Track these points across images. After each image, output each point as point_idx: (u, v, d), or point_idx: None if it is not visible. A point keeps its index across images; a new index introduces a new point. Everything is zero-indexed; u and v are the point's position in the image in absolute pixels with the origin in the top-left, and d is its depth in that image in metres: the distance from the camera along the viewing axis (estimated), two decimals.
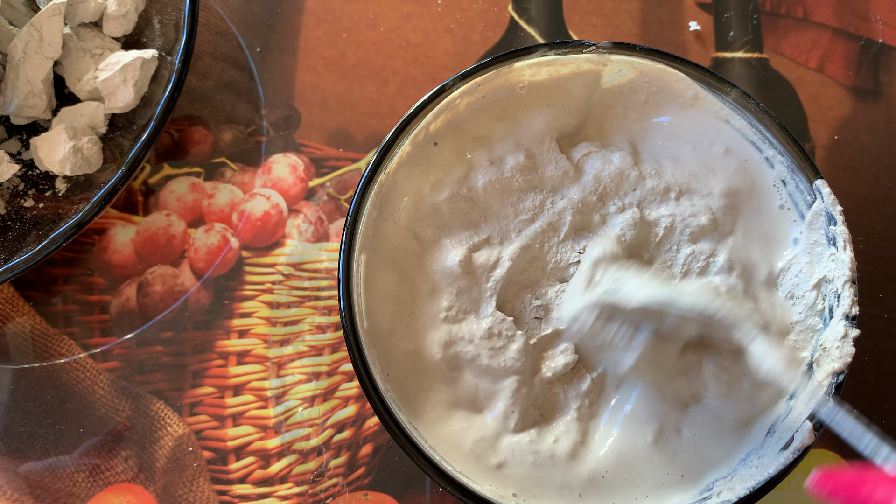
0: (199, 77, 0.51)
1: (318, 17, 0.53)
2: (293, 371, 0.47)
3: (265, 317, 0.48)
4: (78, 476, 0.45)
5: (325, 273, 0.49)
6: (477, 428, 0.40)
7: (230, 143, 0.50)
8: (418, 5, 0.53)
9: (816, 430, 0.38)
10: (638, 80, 0.43)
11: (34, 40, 0.45)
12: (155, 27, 0.48)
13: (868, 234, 0.50)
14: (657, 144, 0.44)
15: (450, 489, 0.37)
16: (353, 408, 0.46)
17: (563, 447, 0.40)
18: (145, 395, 0.46)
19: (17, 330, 0.47)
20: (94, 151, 0.46)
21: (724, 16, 0.54)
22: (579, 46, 0.42)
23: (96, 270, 0.48)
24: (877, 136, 0.52)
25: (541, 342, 0.42)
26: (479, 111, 0.43)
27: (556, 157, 0.43)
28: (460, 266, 0.41)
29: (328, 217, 0.49)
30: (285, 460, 0.46)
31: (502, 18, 0.53)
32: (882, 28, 0.54)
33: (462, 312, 0.41)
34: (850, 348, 0.38)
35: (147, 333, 0.47)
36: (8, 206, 0.47)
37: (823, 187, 0.40)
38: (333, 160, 0.50)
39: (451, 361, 0.41)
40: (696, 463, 0.40)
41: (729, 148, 0.43)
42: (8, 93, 0.46)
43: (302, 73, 0.52)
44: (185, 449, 0.46)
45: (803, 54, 0.53)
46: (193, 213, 0.49)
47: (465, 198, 0.42)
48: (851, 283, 0.39)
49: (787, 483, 0.46)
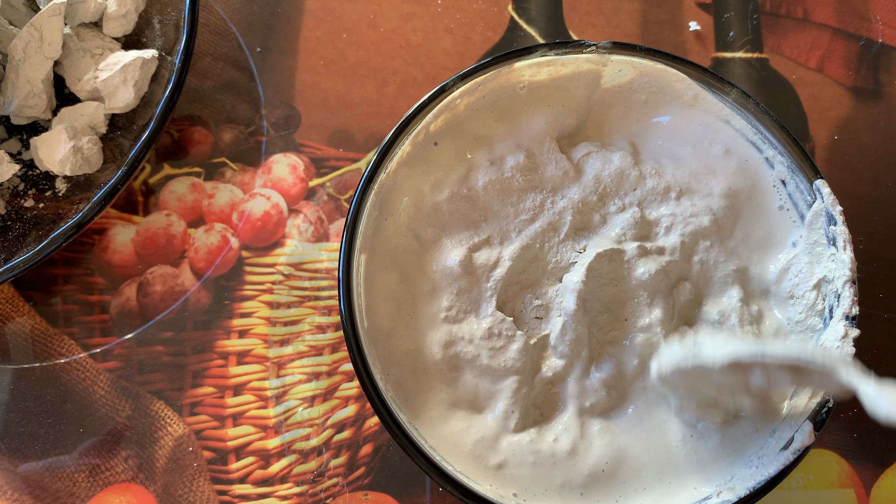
0: (199, 77, 0.51)
1: (318, 17, 0.53)
2: (293, 371, 0.47)
3: (265, 317, 0.48)
4: (78, 476, 0.45)
5: (325, 273, 0.49)
6: (477, 428, 0.40)
7: (230, 143, 0.50)
8: (418, 5, 0.53)
9: (816, 430, 0.38)
10: (638, 80, 0.43)
11: (34, 40, 0.45)
12: (155, 27, 0.48)
13: (868, 235, 0.50)
14: (657, 144, 0.44)
15: (450, 489, 0.37)
16: (353, 408, 0.46)
17: (563, 446, 0.40)
18: (145, 395, 0.46)
19: (17, 330, 0.47)
20: (94, 151, 0.46)
21: (724, 16, 0.54)
22: (579, 46, 0.42)
23: (96, 270, 0.48)
24: (877, 136, 0.52)
25: (541, 342, 0.42)
26: (480, 111, 0.43)
27: (557, 157, 0.43)
28: (460, 266, 0.41)
29: (328, 217, 0.49)
30: (285, 460, 0.46)
31: (502, 18, 0.53)
32: (882, 28, 0.54)
33: (462, 312, 0.41)
34: (849, 348, 0.38)
35: (147, 333, 0.47)
36: (8, 206, 0.47)
37: (823, 187, 0.40)
38: (333, 160, 0.50)
39: (451, 361, 0.41)
40: (699, 459, 0.40)
41: (729, 148, 0.43)
42: (8, 93, 0.46)
43: (302, 73, 0.52)
44: (185, 449, 0.46)
45: (803, 54, 0.53)
46: (193, 213, 0.49)
47: (465, 198, 0.42)
48: (851, 283, 0.39)
49: (787, 483, 0.46)
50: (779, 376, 0.35)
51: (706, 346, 0.36)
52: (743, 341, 0.35)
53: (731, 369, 0.35)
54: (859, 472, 0.46)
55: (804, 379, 0.35)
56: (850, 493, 0.46)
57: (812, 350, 0.34)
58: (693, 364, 0.36)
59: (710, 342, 0.36)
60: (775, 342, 0.35)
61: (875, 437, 0.47)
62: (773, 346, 0.35)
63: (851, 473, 0.46)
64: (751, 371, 0.35)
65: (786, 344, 0.35)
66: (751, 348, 0.35)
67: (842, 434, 0.47)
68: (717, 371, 0.36)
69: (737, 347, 0.35)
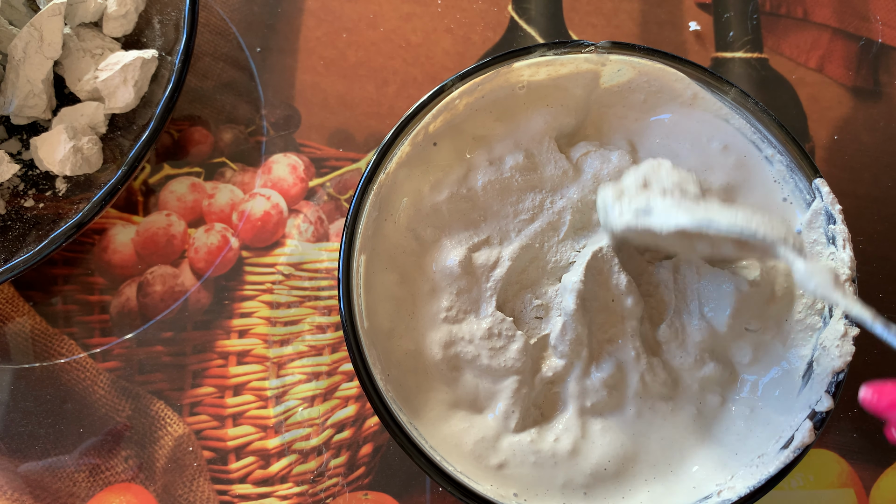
0: (199, 77, 0.51)
1: (318, 17, 0.53)
2: (293, 371, 0.47)
3: (265, 317, 0.48)
4: (78, 476, 0.45)
5: (325, 273, 0.49)
6: (478, 428, 0.40)
7: (230, 143, 0.50)
8: (418, 5, 0.53)
9: (816, 429, 0.38)
10: (637, 80, 0.43)
11: (34, 40, 0.45)
12: (155, 27, 0.48)
13: (868, 234, 0.50)
14: (655, 143, 0.44)
15: (450, 489, 0.37)
16: (353, 407, 0.46)
17: (564, 445, 0.40)
18: (145, 395, 0.46)
19: (17, 330, 0.47)
20: (94, 151, 0.46)
21: (724, 16, 0.54)
22: (578, 46, 0.42)
23: (96, 270, 0.48)
24: (876, 136, 0.52)
25: (541, 342, 0.42)
26: (479, 111, 0.43)
27: (556, 157, 0.43)
28: (460, 266, 0.41)
29: (328, 217, 0.50)
30: (285, 460, 0.46)
31: (502, 18, 0.53)
32: (882, 28, 0.54)
33: (462, 312, 0.41)
34: (850, 347, 0.38)
35: (147, 333, 0.47)
36: (8, 206, 0.47)
37: (822, 186, 0.40)
38: (333, 160, 0.50)
39: (451, 361, 0.41)
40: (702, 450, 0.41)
41: (727, 145, 0.43)
42: (8, 93, 0.46)
43: (302, 73, 0.52)
44: (185, 449, 0.46)
45: (803, 54, 0.53)
46: (193, 213, 0.49)
47: (464, 198, 0.42)
48: (851, 281, 0.39)
49: (787, 483, 0.46)
50: (723, 245, 0.36)
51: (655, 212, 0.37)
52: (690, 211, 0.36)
53: (678, 236, 0.36)
54: (859, 472, 0.46)
55: (746, 250, 0.36)
56: (850, 492, 0.46)
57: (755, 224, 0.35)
58: (642, 226, 0.37)
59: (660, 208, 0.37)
60: (721, 212, 0.36)
61: (875, 437, 0.47)
62: (719, 218, 0.35)
63: (851, 473, 0.46)
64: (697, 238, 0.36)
65: (731, 215, 0.36)
66: (697, 219, 0.36)
67: (842, 434, 0.47)
68: (664, 236, 0.37)
69: (684, 218, 0.36)
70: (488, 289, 0.41)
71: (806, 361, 0.40)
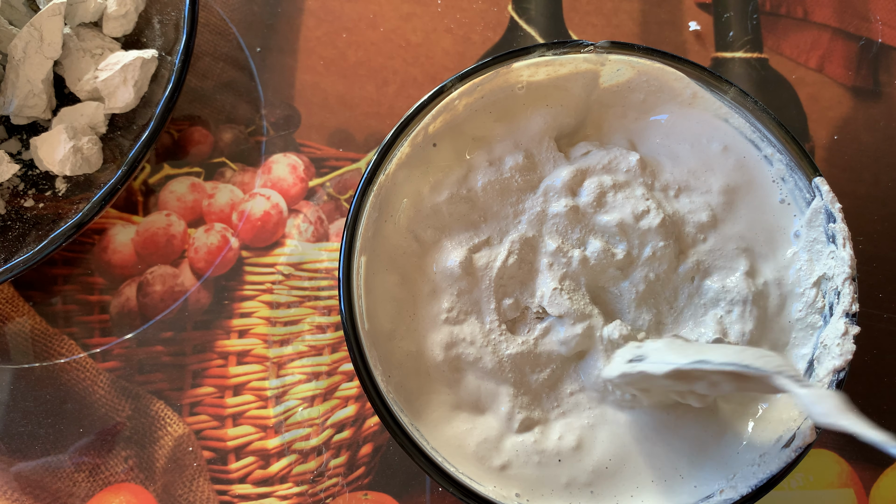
0: (199, 77, 0.51)
1: (318, 17, 0.53)
2: (293, 371, 0.47)
3: (265, 317, 0.48)
4: (78, 476, 0.45)
5: (325, 273, 0.49)
6: (480, 429, 0.40)
7: (230, 143, 0.50)
8: (418, 5, 0.53)
9: (817, 428, 0.38)
10: (636, 80, 0.43)
11: (34, 40, 0.45)
12: (155, 27, 0.48)
13: (868, 234, 0.50)
14: (655, 142, 0.44)
15: (452, 490, 0.37)
16: (352, 407, 0.46)
17: (567, 444, 0.40)
18: (145, 395, 0.46)
19: (17, 330, 0.47)
20: (94, 151, 0.46)
21: (724, 16, 0.54)
22: (577, 46, 0.42)
23: (96, 270, 0.48)
24: (876, 136, 0.52)
25: (542, 341, 0.42)
26: (478, 112, 0.43)
27: (555, 157, 0.43)
28: (461, 267, 0.41)
29: (328, 217, 0.50)
30: (285, 460, 0.46)
31: (502, 18, 0.53)
32: (882, 28, 0.54)
33: (463, 314, 0.41)
34: (850, 345, 0.38)
35: (147, 333, 0.47)
36: (8, 206, 0.47)
37: (822, 185, 0.40)
38: (333, 160, 0.51)
39: (452, 363, 0.41)
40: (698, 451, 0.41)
41: (727, 145, 0.43)
42: (8, 93, 0.46)
43: (302, 73, 0.52)
44: (185, 449, 0.46)
45: (803, 54, 0.54)
46: (193, 212, 0.49)
47: (464, 199, 0.42)
48: (851, 280, 0.39)
49: (787, 483, 0.46)
50: (721, 382, 0.35)
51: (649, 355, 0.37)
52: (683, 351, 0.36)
53: (674, 377, 0.36)
54: (859, 472, 0.46)
55: (746, 384, 0.35)
56: (850, 492, 0.46)
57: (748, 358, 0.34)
58: (637, 372, 0.37)
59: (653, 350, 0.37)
60: (715, 350, 0.36)
61: None
62: (712, 355, 0.35)
63: (851, 473, 0.46)
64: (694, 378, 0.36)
65: (724, 352, 0.35)
66: (691, 358, 0.35)
67: (842, 434, 0.47)
68: (661, 378, 0.36)
69: (677, 358, 0.36)
70: (489, 289, 0.41)
71: (807, 360, 0.40)
